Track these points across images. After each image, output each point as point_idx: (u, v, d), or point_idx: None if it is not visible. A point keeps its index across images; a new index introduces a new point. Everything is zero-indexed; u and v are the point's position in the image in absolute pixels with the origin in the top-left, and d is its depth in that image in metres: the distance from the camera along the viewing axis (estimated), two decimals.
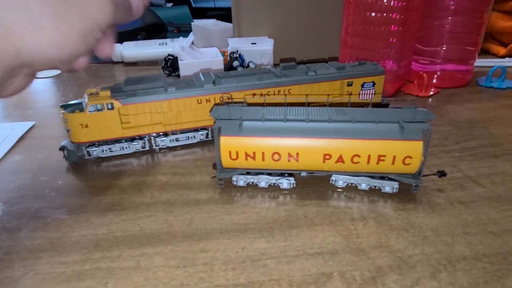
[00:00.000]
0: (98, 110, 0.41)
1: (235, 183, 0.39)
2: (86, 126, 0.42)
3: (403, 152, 0.34)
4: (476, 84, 0.68)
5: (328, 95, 0.48)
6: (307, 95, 0.46)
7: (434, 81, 0.68)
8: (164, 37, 1.09)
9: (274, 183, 0.38)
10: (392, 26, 0.57)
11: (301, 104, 0.38)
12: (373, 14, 0.57)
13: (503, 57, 0.84)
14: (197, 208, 0.36)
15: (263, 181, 0.38)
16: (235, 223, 0.34)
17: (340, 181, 0.38)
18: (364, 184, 0.37)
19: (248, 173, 0.38)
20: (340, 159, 0.35)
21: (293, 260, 0.29)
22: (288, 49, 0.84)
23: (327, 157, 0.35)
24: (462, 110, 0.57)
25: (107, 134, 0.43)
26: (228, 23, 0.93)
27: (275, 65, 0.78)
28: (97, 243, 0.31)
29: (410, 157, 0.34)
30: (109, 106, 0.42)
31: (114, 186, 0.40)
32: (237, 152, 0.35)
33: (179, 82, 0.45)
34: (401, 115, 0.35)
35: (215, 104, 0.44)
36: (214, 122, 0.35)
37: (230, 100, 0.44)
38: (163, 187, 0.39)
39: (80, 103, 0.43)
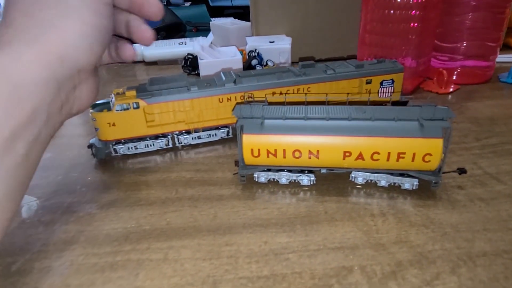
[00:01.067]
0: (124, 109, 0.43)
1: (256, 180, 0.40)
2: (114, 124, 0.44)
3: (423, 150, 0.34)
4: (497, 81, 0.67)
5: (348, 93, 0.48)
6: (327, 93, 0.46)
7: (454, 77, 0.67)
8: (183, 36, 1.11)
9: (295, 180, 0.39)
10: (411, 23, 0.57)
11: (321, 103, 0.39)
12: (391, 11, 0.57)
13: None
14: (220, 204, 0.37)
15: (283, 177, 0.39)
16: (257, 218, 0.35)
17: (360, 177, 0.38)
18: (383, 181, 0.38)
19: (269, 170, 0.39)
20: (360, 156, 0.35)
21: (314, 254, 0.30)
22: (306, 47, 0.84)
23: (347, 154, 0.35)
24: (482, 107, 0.56)
25: (133, 132, 0.45)
26: (246, 22, 0.94)
27: (293, 63, 0.79)
28: (127, 236, 0.33)
29: (430, 155, 0.34)
30: (135, 106, 0.44)
31: (140, 182, 0.41)
32: (259, 150, 0.36)
33: (201, 82, 0.47)
34: (421, 113, 0.35)
35: (237, 103, 0.46)
36: (237, 120, 0.36)
37: (251, 99, 0.45)
38: (187, 183, 0.41)
39: (108, 103, 0.45)
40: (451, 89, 0.64)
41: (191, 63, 0.79)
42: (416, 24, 0.57)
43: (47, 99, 0.22)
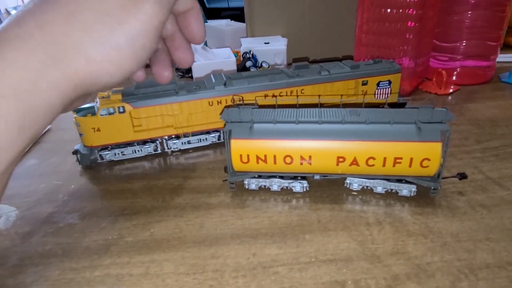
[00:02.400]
0: (109, 113, 0.41)
1: (246, 187, 0.38)
2: (98, 130, 0.42)
3: (421, 154, 0.32)
4: (499, 81, 0.66)
5: (342, 95, 0.46)
6: (319, 95, 0.44)
7: (454, 78, 0.65)
8: None
9: (287, 187, 0.37)
10: (409, 23, 0.55)
11: (314, 105, 0.37)
12: (388, 10, 0.56)
13: None
14: (208, 213, 0.35)
15: (275, 184, 0.37)
16: (246, 228, 0.33)
17: (355, 184, 0.36)
18: (380, 187, 0.36)
19: (260, 176, 0.37)
20: (355, 162, 0.34)
21: (305, 268, 0.28)
22: (302, 48, 0.83)
23: (341, 159, 0.34)
24: (483, 108, 0.55)
25: (119, 138, 0.43)
26: (241, 23, 0.93)
27: (289, 64, 0.77)
28: (108, 248, 0.31)
29: (428, 159, 0.32)
30: (121, 110, 0.42)
31: (126, 190, 0.39)
32: (248, 155, 0.35)
33: (190, 85, 0.45)
34: (418, 115, 0.33)
35: (226, 107, 0.44)
36: (224, 125, 0.35)
37: (240, 102, 0.43)
38: (174, 190, 0.39)
39: (92, 107, 0.43)
40: (451, 90, 0.62)
41: None
42: (413, 23, 0.55)
43: (47, 124, 0.20)
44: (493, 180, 0.37)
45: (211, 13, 1.44)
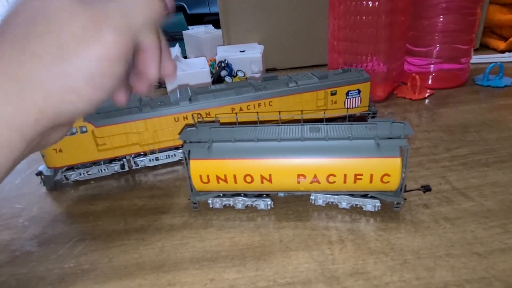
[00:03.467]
0: (71, 134, 0.41)
1: (211, 206, 0.37)
2: (60, 150, 0.41)
3: (381, 170, 0.32)
4: (473, 83, 0.66)
5: (302, 111, 0.46)
6: (279, 111, 0.44)
7: (430, 82, 0.65)
8: None
9: (251, 204, 0.37)
10: (379, 29, 0.55)
11: (275, 121, 0.37)
12: (358, 17, 0.55)
13: (503, 51, 0.80)
14: (169, 235, 0.34)
15: (239, 203, 0.36)
16: (206, 250, 0.32)
17: (320, 200, 0.36)
18: (344, 202, 0.35)
19: (224, 195, 0.37)
20: (315, 179, 0.33)
21: None
22: (280, 55, 0.82)
23: (301, 177, 0.33)
24: (455, 113, 0.54)
25: (83, 158, 0.43)
26: (219, 30, 0.92)
27: (267, 70, 0.77)
28: (63, 278, 0.30)
29: (388, 175, 0.32)
30: (83, 129, 0.41)
31: (88, 213, 0.39)
32: (208, 176, 0.34)
33: (154, 101, 0.44)
34: (377, 130, 0.33)
35: (186, 125, 0.43)
36: (182, 145, 0.34)
37: (201, 120, 0.42)
38: (138, 212, 0.38)
39: None
40: (427, 94, 0.62)
41: None
42: (384, 29, 0.55)
43: (11, 164, 0.20)
44: (459, 191, 0.37)
45: (193, 19, 1.43)
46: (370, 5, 0.54)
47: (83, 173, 0.44)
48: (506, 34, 0.82)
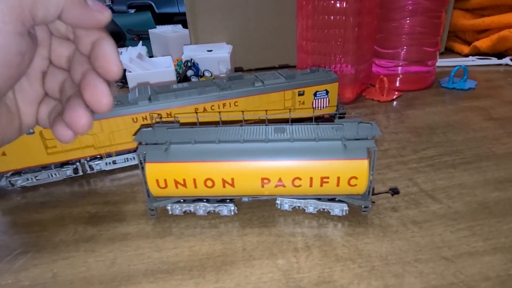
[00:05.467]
0: None
1: (170, 212, 0.35)
2: (4, 154, 0.37)
3: (347, 173, 0.30)
4: (439, 86, 0.66)
5: (266, 110, 0.44)
6: (243, 111, 0.42)
7: (397, 84, 0.65)
8: (123, 45, 1.04)
9: (214, 210, 0.34)
10: (347, 29, 0.54)
11: (238, 121, 0.35)
12: (326, 17, 0.54)
13: (467, 55, 0.82)
14: (123, 245, 0.32)
15: (200, 209, 0.34)
16: (163, 261, 0.30)
17: (286, 204, 0.34)
18: (311, 207, 0.34)
19: (184, 201, 0.34)
20: (280, 183, 0.31)
21: None
22: (249, 55, 0.80)
23: (266, 181, 0.31)
24: (422, 115, 0.54)
25: (30, 162, 0.39)
26: (187, 30, 0.89)
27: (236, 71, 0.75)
28: None
29: (356, 178, 0.31)
30: (30, 130, 0.37)
31: (34, 222, 0.35)
32: (165, 180, 0.31)
33: None
34: (344, 131, 0.31)
35: (142, 125, 0.40)
36: (137, 147, 0.31)
37: (159, 120, 0.40)
38: (90, 220, 0.35)
39: None
40: (395, 96, 0.62)
41: (124, 76, 0.73)
42: (351, 30, 0.54)
43: None
44: (427, 193, 0.36)
45: (161, 19, 1.39)
46: (338, 5, 0.53)
47: (31, 178, 0.40)
48: (470, 39, 0.85)
